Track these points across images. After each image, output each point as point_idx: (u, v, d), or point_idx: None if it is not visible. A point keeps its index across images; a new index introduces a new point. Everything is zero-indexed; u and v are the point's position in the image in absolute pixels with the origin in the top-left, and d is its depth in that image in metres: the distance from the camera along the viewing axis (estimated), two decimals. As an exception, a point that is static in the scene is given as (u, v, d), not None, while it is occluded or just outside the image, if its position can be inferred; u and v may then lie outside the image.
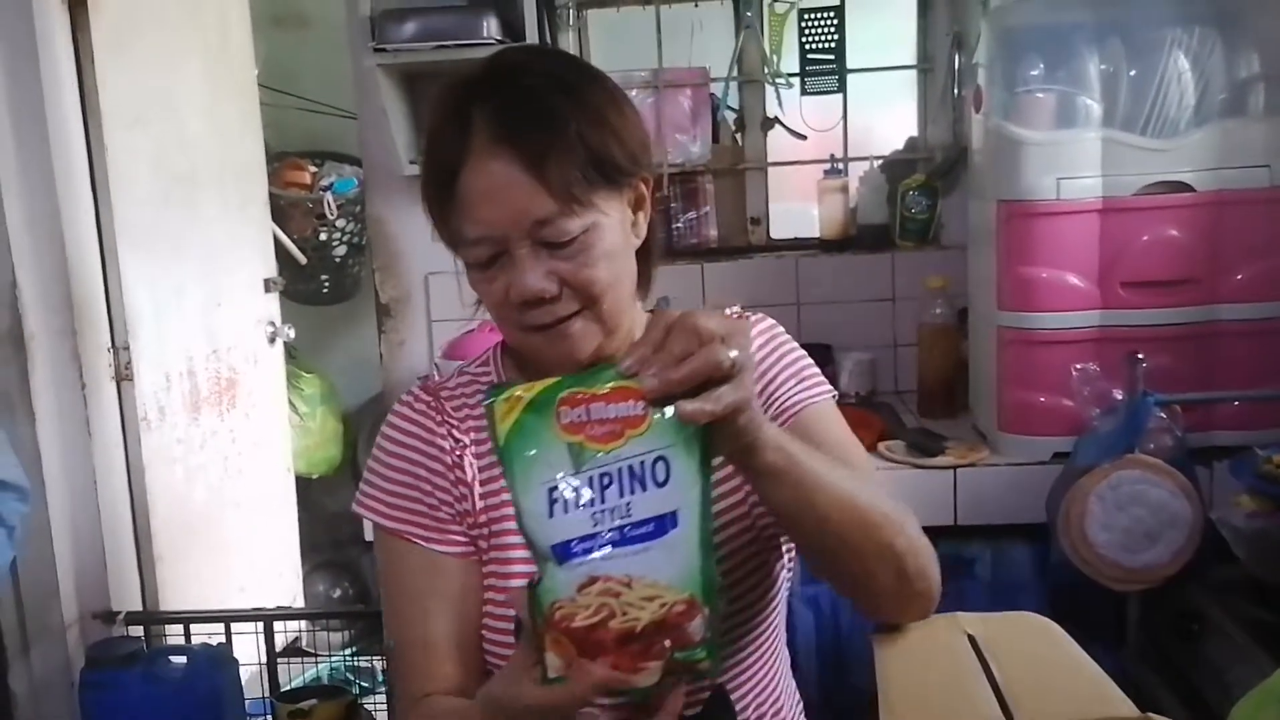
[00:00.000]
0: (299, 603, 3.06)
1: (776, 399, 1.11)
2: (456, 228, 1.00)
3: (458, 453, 1.10)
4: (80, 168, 2.27)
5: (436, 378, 1.18)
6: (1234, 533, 1.80)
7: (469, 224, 0.98)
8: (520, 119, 0.97)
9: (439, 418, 1.11)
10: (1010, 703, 0.92)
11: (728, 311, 1.15)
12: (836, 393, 1.16)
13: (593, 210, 0.98)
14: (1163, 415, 1.95)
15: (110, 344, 2.35)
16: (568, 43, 2.72)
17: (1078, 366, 2.00)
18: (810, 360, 1.16)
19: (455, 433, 1.11)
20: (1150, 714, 0.85)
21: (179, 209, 2.58)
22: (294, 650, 2.38)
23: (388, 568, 1.12)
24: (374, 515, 1.11)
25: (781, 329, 1.17)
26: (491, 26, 2.25)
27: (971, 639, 1.04)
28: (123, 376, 2.37)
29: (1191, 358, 2.08)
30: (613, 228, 1.01)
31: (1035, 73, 2.09)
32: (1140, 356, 1.92)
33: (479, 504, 1.09)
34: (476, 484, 1.09)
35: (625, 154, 1.01)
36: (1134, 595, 1.97)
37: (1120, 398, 1.95)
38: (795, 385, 1.12)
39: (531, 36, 2.31)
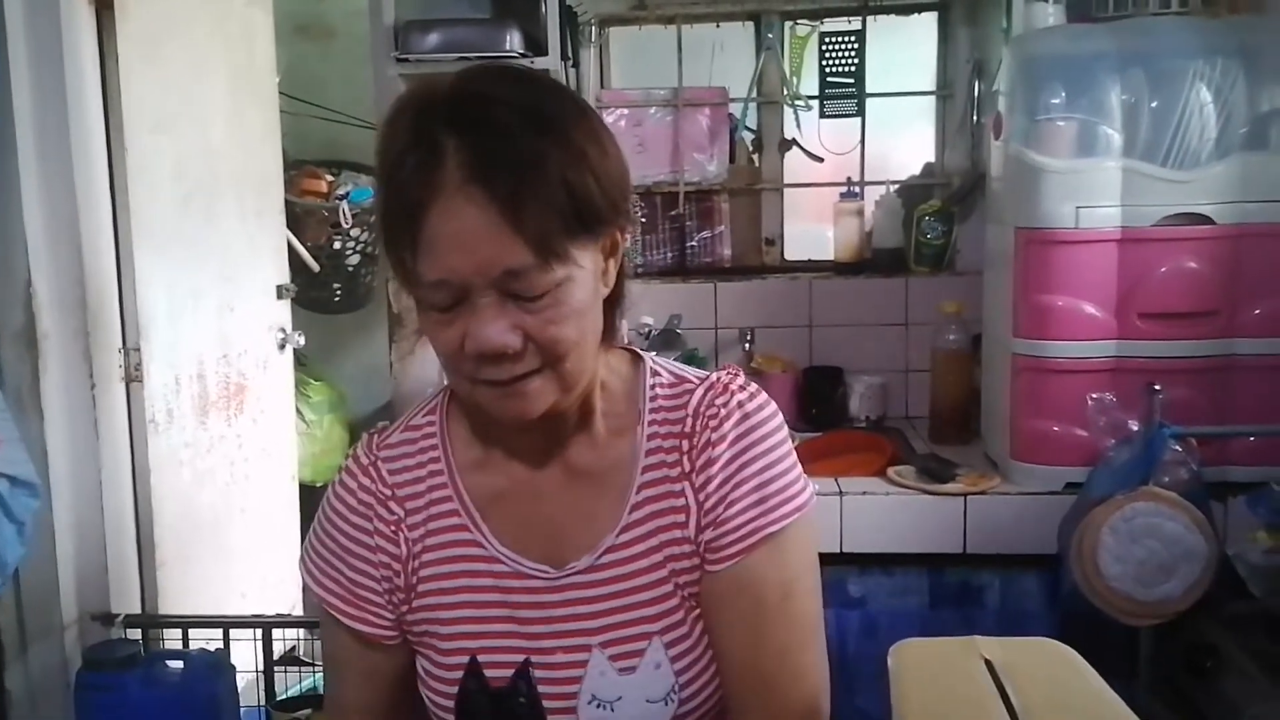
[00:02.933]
0: (298, 611, 3.03)
1: (726, 524, 0.99)
2: (414, 266, 0.90)
3: (393, 526, 1.04)
4: (100, 170, 2.26)
5: (382, 433, 1.09)
6: (1250, 569, 1.78)
7: (430, 266, 0.89)
8: (498, 157, 0.87)
9: (375, 487, 1.04)
10: (1028, 730, 0.91)
11: (714, 376, 1.04)
12: (811, 498, 1.02)
13: (568, 263, 0.90)
14: (1178, 448, 1.93)
15: (121, 345, 2.34)
16: (589, 59, 2.74)
17: (1094, 396, 1.99)
18: (787, 455, 1.02)
19: (391, 504, 1.04)
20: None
21: (197, 214, 2.57)
22: (291, 659, 2.35)
23: (321, 626, 1.11)
24: (307, 577, 1.08)
25: (762, 413, 1.02)
26: (514, 40, 2.26)
27: (989, 664, 1.02)
28: (132, 378, 2.36)
29: (1207, 391, 2.07)
30: (585, 281, 0.93)
31: (1056, 101, 2.08)
32: (1157, 388, 1.91)
33: (412, 579, 1.04)
34: (411, 559, 1.04)
35: (607, 201, 0.92)
36: (1146, 629, 1.95)
37: (1136, 429, 1.94)
38: (756, 509, 0.99)
39: (554, 52, 2.32)
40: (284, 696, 2.26)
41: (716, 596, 1.00)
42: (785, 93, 2.75)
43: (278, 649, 2.29)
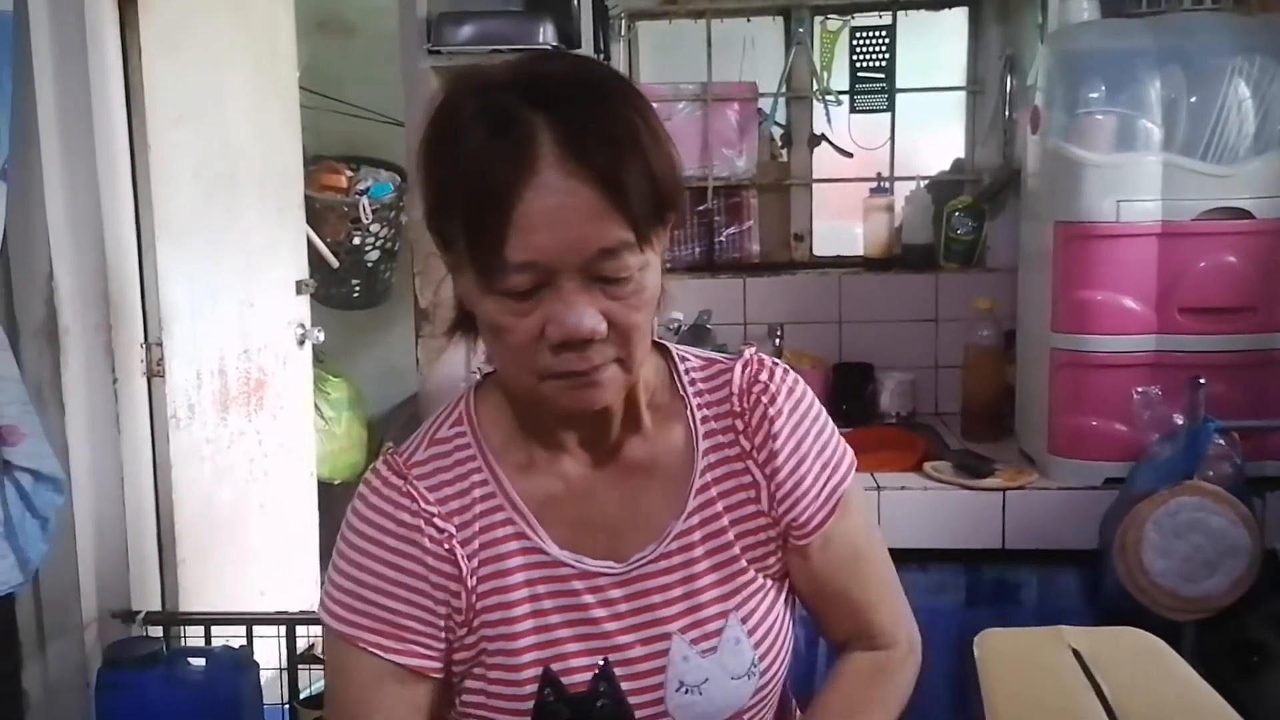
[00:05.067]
0: (317, 609, 3.01)
1: (806, 497, 1.01)
2: (495, 251, 0.85)
3: (446, 545, 0.96)
4: (123, 164, 2.24)
5: (401, 453, 1.01)
6: (1299, 564, 1.77)
7: (518, 247, 0.84)
8: (594, 132, 0.85)
9: (414, 506, 0.97)
10: None
11: (747, 354, 1.05)
12: (854, 457, 1.07)
13: (651, 246, 0.88)
14: (1222, 442, 1.92)
15: (143, 340, 2.32)
16: (618, 53, 2.72)
17: (1139, 390, 1.98)
18: (827, 419, 1.06)
19: (438, 521, 0.97)
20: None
21: (218, 209, 2.55)
22: (314, 657, 2.33)
23: (333, 676, 1.00)
24: (332, 620, 0.97)
25: (800, 384, 1.05)
26: (548, 32, 2.24)
27: (1075, 653, 1.01)
28: (154, 373, 2.33)
29: (1247, 386, 2.06)
30: (657, 270, 0.91)
31: (1096, 95, 2.08)
32: (1202, 381, 1.90)
33: (472, 597, 0.97)
34: (471, 577, 0.97)
35: (679, 189, 0.91)
36: (1189, 625, 1.94)
37: (1180, 423, 1.93)
38: (826, 474, 1.02)
39: (586, 44, 2.31)
40: (307, 694, 2.24)
41: (814, 563, 1.03)
42: (815, 88, 2.74)
43: (300, 645, 2.27)
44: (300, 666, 2.24)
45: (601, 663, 0.98)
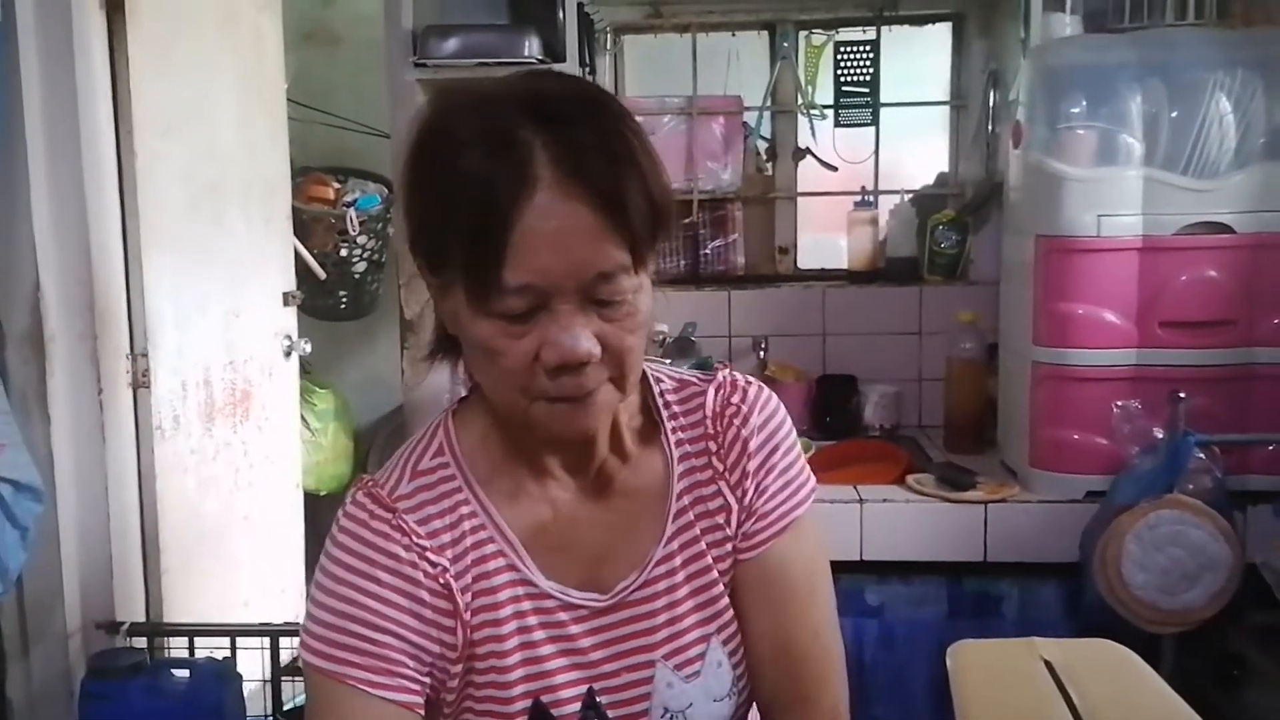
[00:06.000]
0: (300, 621, 3.00)
1: (757, 512, 1.01)
2: (492, 273, 0.84)
3: (441, 580, 0.94)
4: (110, 173, 2.24)
5: (381, 484, 0.98)
6: (1279, 576, 1.78)
7: (517, 269, 0.83)
8: (594, 152, 0.84)
9: (407, 540, 0.94)
10: (1094, 731, 0.90)
11: (720, 376, 1.04)
12: (817, 485, 1.06)
13: (644, 270, 0.88)
14: (1202, 456, 1.93)
15: (129, 350, 2.32)
16: (604, 67, 2.74)
17: (1119, 404, 1.99)
18: (796, 442, 1.05)
19: (431, 556, 0.95)
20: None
21: (205, 219, 2.55)
22: (295, 669, 2.33)
23: (316, 715, 0.96)
24: (315, 658, 0.94)
25: (773, 401, 1.05)
26: (533, 46, 2.25)
27: (1048, 664, 1.01)
28: (140, 383, 2.33)
29: (1227, 399, 2.07)
30: (650, 292, 0.90)
31: (1077, 110, 2.09)
32: (1182, 395, 1.91)
33: (469, 633, 0.96)
34: (466, 611, 0.95)
35: (672, 210, 0.91)
36: (1169, 638, 1.95)
37: (1160, 436, 1.94)
38: (783, 494, 1.02)
39: (572, 58, 2.32)
40: (291, 706, 2.24)
41: (750, 582, 1.01)
42: (800, 102, 2.76)
43: (284, 658, 2.26)
44: (284, 678, 2.24)
45: (586, 692, 0.97)
